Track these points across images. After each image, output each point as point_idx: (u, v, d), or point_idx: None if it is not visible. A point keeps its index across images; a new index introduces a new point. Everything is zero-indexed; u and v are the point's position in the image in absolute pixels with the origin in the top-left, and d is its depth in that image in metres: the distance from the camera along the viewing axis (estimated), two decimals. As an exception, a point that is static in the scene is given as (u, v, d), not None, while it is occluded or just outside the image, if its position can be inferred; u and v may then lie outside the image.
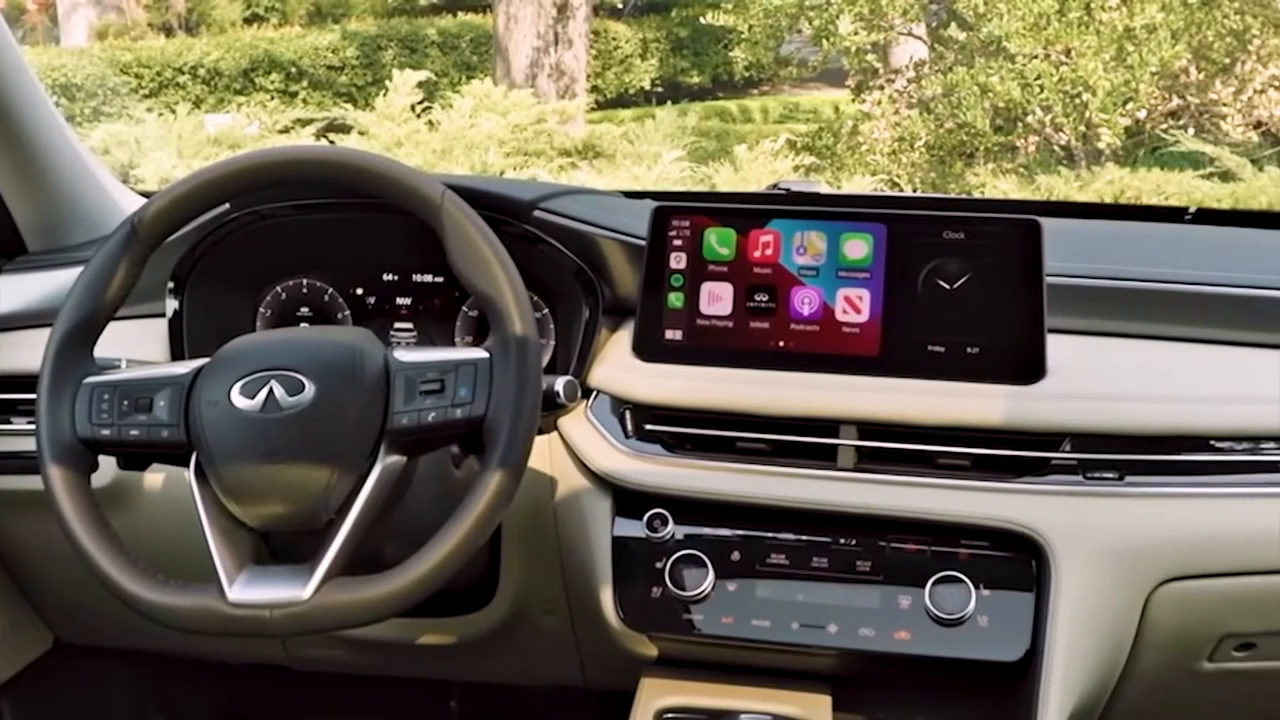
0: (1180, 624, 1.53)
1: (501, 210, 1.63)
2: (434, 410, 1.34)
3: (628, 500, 1.58)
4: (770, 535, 1.55)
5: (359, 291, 1.79)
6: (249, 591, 1.31)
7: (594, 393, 1.63)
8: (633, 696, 1.61)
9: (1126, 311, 1.63)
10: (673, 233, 1.60)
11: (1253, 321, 1.61)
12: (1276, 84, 8.43)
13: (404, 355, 1.38)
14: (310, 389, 1.33)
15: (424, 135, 7.11)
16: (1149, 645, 1.53)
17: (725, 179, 6.55)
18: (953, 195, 7.51)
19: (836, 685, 1.60)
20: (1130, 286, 1.63)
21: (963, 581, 1.48)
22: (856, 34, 8.97)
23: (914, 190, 8.23)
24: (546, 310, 1.72)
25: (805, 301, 1.57)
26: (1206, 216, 2.17)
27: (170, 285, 1.73)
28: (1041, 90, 7.88)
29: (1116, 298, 1.63)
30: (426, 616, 1.73)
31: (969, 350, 1.53)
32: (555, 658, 1.80)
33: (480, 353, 1.36)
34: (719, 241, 1.59)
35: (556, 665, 1.82)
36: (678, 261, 1.60)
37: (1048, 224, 1.54)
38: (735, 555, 1.54)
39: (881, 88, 9.21)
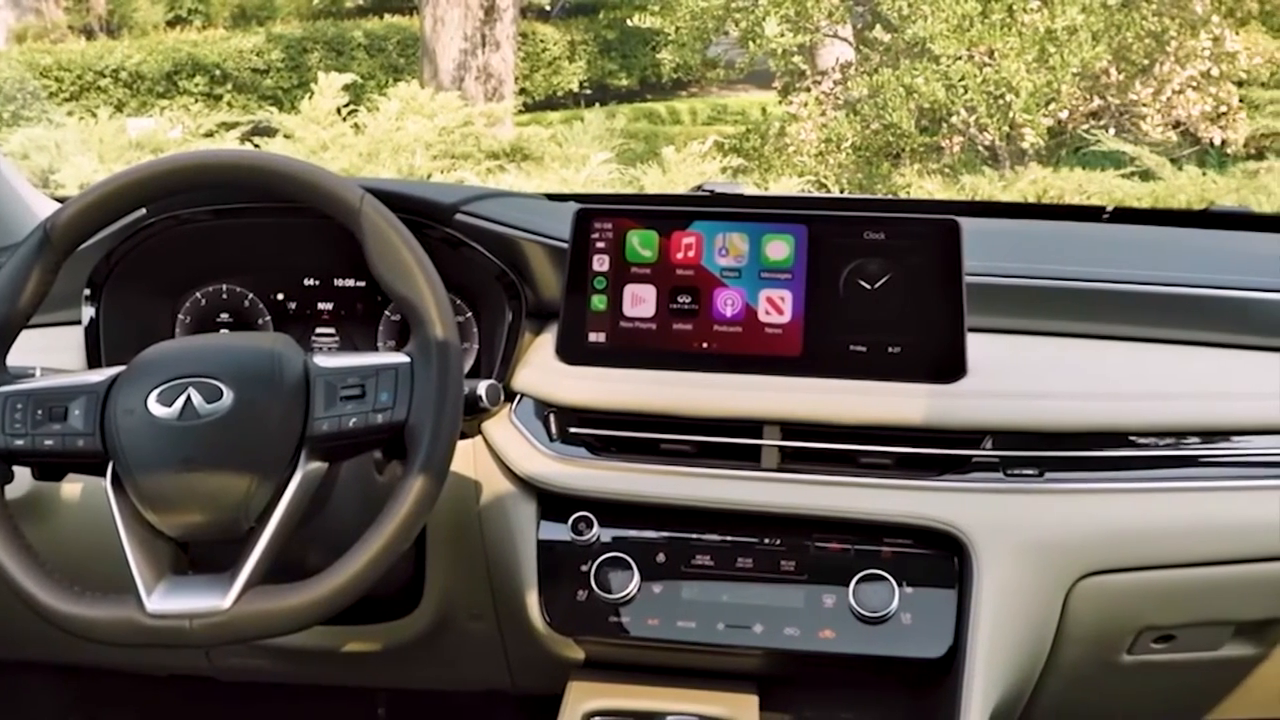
0: (1100, 618, 1.55)
1: (422, 214, 1.62)
2: (355, 416, 1.33)
3: (552, 504, 1.58)
4: (695, 536, 1.55)
5: (280, 297, 1.77)
6: (167, 602, 1.30)
7: (518, 396, 1.62)
8: (560, 700, 1.60)
9: (1045, 310, 1.65)
10: (595, 235, 1.60)
11: (1169, 319, 1.64)
12: (1194, 84, 8.58)
13: (324, 361, 1.37)
14: (229, 396, 1.31)
15: (350, 138, 7.06)
16: (1070, 639, 1.55)
17: (653, 181, 6.56)
18: (875, 196, 7.56)
19: (763, 685, 1.60)
20: (1049, 285, 1.65)
21: (886, 579, 1.49)
22: (783, 36, 9.02)
23: (841, 191, 8.28)
24: (469, 314, 1.71)
25: (728, 303, 1.57)
26: (1124, 215, 2.20)
27: (86, 292, 1.71)
28: (966, 91, 7.97)
29: (1035, 296, 1.65)
30: (351, 624, 1.71)
31: (890, 350, 1.54)
32: (482, 662, 1.79)
33: (401, 357, 1.36)
34: (641, 244, 1.59)
35: (484, 670, 1.81)
36: (600, 264, 1.60)
37: (968, 224, 1.56)
38: (660, 557, 1.54)
39: (808, 89, 9.26)
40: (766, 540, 1.54)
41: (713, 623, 1.51)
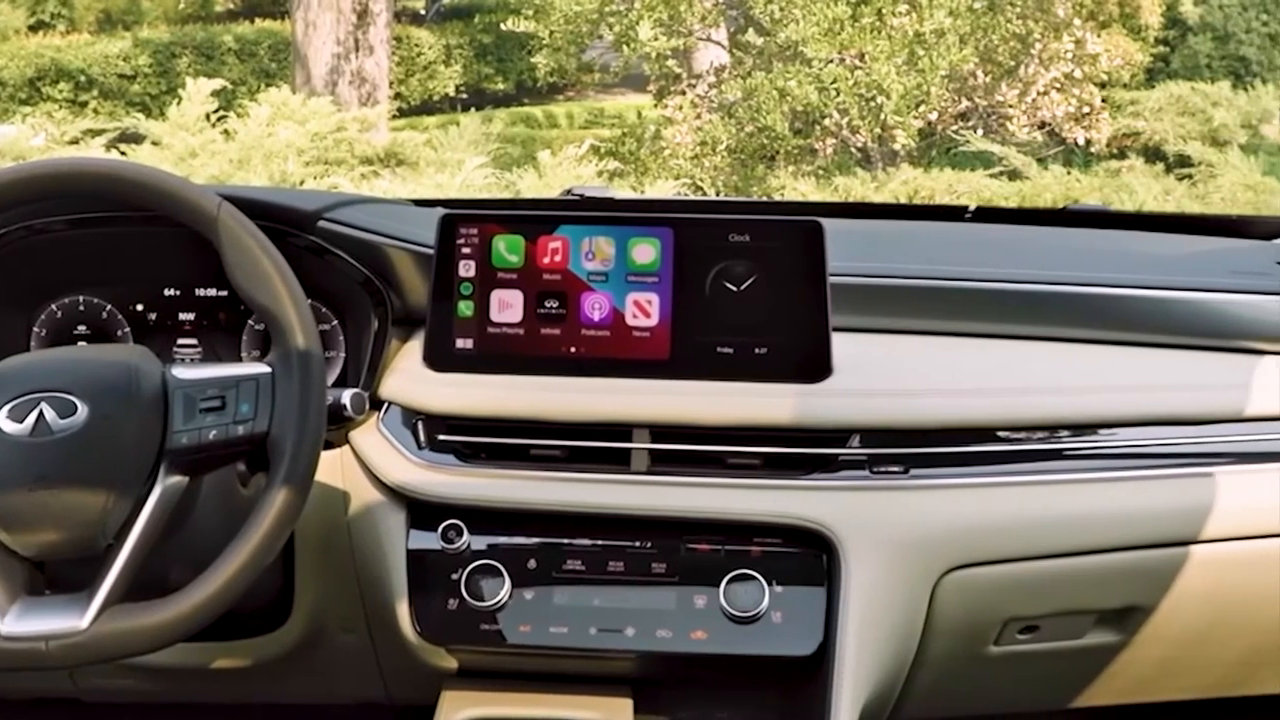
0: (966, 611, 1.58)
1: (284, 221, 1.60)
2: (215, 428, 1.31)
3: (422, 512, 1.56)
4: (566, 541, 1.54)
5: (139, 308, 1.73)
6: (23, 623, 1.26)
7: (385, 404, 1.60)
8: (435, 710, 1.59)
9: (910, 309, 1.67)
10: (461, 241, 1.59)
11: (1031, 315, 1.67)
12: (1058, 86, 8.80)
13: (183, 372, 1.34)
14: (83, 410, 1.28)
15: (220, 145, 6.91)
16: (938, 633, 1.57)
17: (529, 185, 6.53)
18: (742, 198, 7.62)
19: (637, 688, 1.61)
20: (912, 284, 1.67)
21: (756, 579, 1.50)
22: (656, 40, 9.06)
23: (717, 193, 8.34)
24: (335, 322, 1.69)
25: (595, 307, 1.57)
26: (986, 215, 2.25)
27: None
28: (838, 94, 8.08)
29: (899, 295, 1.67)
30: (218, 640, 1.68)
31: (757, 351, 1.55)
32: (356, 675, 1.77)
33: (262, 368, 1.34)
34: (508, 249, 1.59)
35: (358, 682, 1.79)
36: (467, 270, 1.59)
37: (834, 225, 1.57)
38: (531, 563, 1.54)
39: (683, 93, 9.31)
40: (637, 543, 1.54)
41: (585, 627, 1.51)
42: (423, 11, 15.95)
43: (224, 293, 1.71)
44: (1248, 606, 1.65)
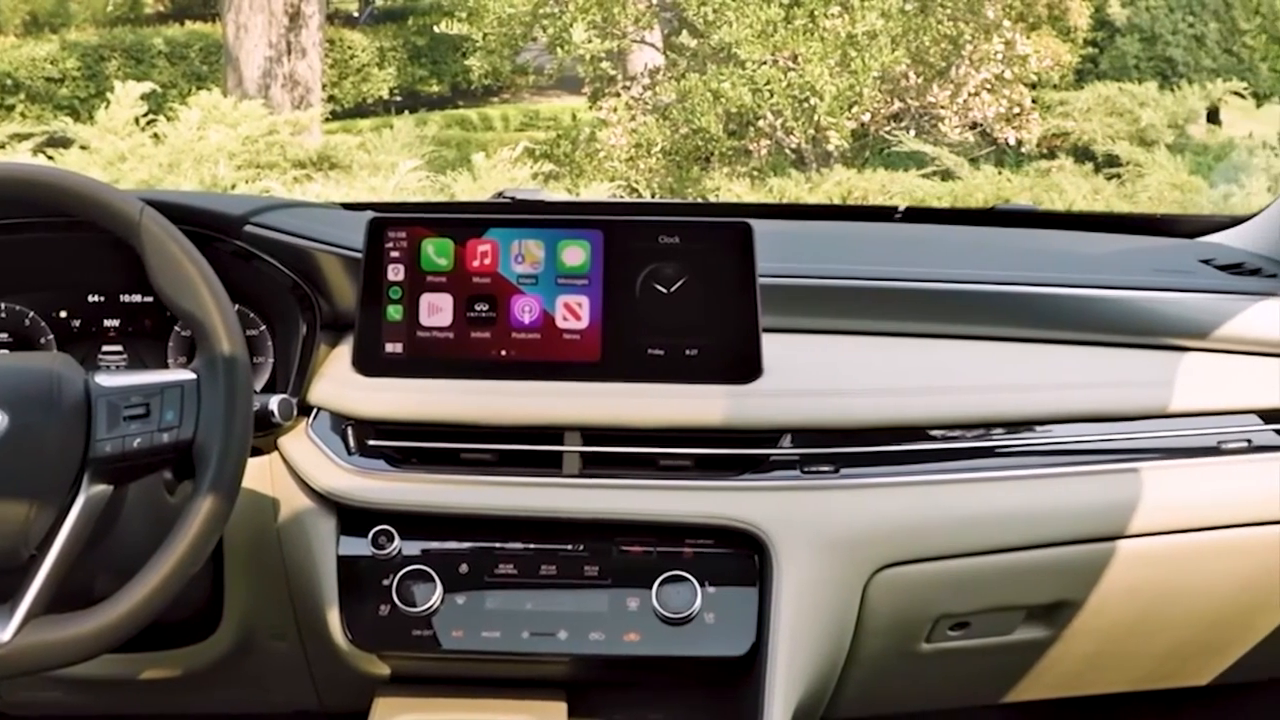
0: (898, 608, 1.59)
1: (210, 226, 1.59)
2: (139, 436, 1.29)
3: (352, 518, 1.55)
4: (498, 545, 1.54)
5: (63, 315, 1.70)
6: None
7: (314, 410, 1.59)
8: (368, 717, 1.58)
9: (840, 309, 1.68)
10: (389, 244, 1.58)
11: (959, 315, 1.68)
12: (989, 87, 8.89)
13: (107, 380, 1.32)
14: (2, 420, 1.26)
15: (150, 149, 6.83)
16: (869, 631, 1.58)
17: (464, 188, 6.51)
18: (675, 200, 7.63)
19: (571, 691, 1.60)
20: (841, 284, 1.68)
21: (688, 580, 1.50)
22: (590, 42, 9.06)
23: (652, 195, 8.35)
24: (263, 327, 1.67)
25: (526, 310, 1.57)
26: (915, 215, 2.27)
27: None
28: (771, 95, 8.12)
29: (830, 296, 1.68)
30: (146, 650, 1.66)
31: (688, 352, 1.55)
32: (288, 683, 1.75)
33: (187, 374, 1.32)
34: (437, 252, 1.58)
35: (290, 691, 1.77)
36: (395, 273, 1.58)
37: (765, 226, 1.58)
38: (463, 568, 1.53)
39: (618, 95, 9.32)
40: (569, 546, 1.54)
41: (517, 631, 1.50)
42: (356, 14, 15.84)
43: (149, 299, 1.70)
44: (1174, 600, 1.68)
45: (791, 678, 1.49)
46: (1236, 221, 2.03)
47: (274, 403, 1.45)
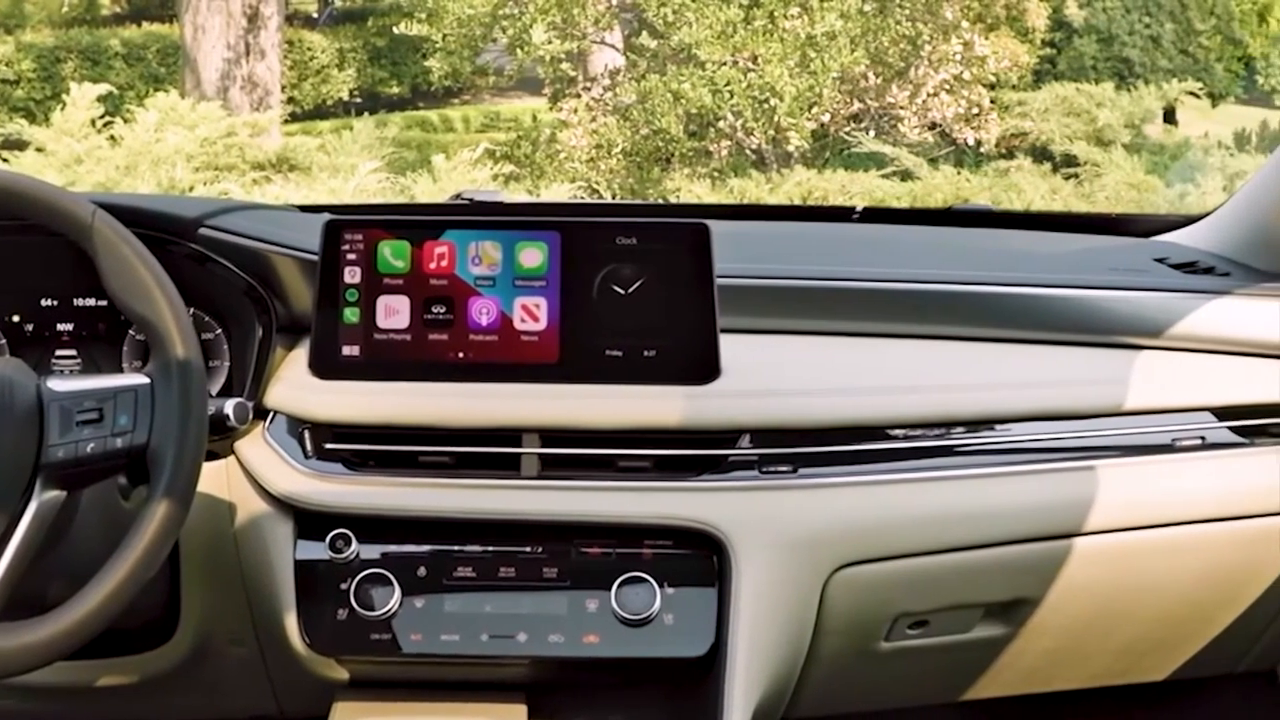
0: (857, 607, 1.59)
1: (163, 229, 1.58)
2: (93, 441, 1.28)
3: (310, 522, 1.54)
4: (457, 548, 1.53)
5: (15, 319, 1.69)
6: None
7: (271, 414, 1.58)
8: None
9: (798, 309, 1.68)
10: (345, 246, 1.57)
11: (916, 314, 1.69)
12: (947, 87, 8.94)
13: (59, 385, 1.31)
14: None
15: (106, 151, 6.79)
16: (829, 630, 1.59)
17: (424, 189, 6.49)
18: (634, 201, 7.63)
19: (531, 694, 1.60)
20: (798, 285, 1.68)
21: (647, 581, 1.50)
22: (550, 43, 9.06)
23: (613, 196, 8.35)
24: (219, 330, 1.66)
25: (483, 311, 1.56)
26: (873, 215, 2.27)
27: None
28: (732, 96, 8.14)
29: (788, 296, 1.68)
30: (102, 657, 1.65)
31: (646, 353, 1.55)
32: (246, 689, 1.74)
33: (141, 378, 1.31)
34: (393, 254, 1.57)
35: (248, 696, 1.76)
36: (352, 276, 1.57)
37: (723, 227, 1.58)
38: (421, 571, 1.52)
39: (578, 95, 9.32)
40: (528, 548, 1.53)
41: (476, 634, 1.50)
42: (315, 15, 15.79)
43: (103, 303, 1.68)
44: (1130, 597, 1.69)
45: (751, 678, 1.49)
46: (1191, 221, 2.04)
47: (229, 406, 1.44)
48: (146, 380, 1.31)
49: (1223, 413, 1.67)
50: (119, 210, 1.39)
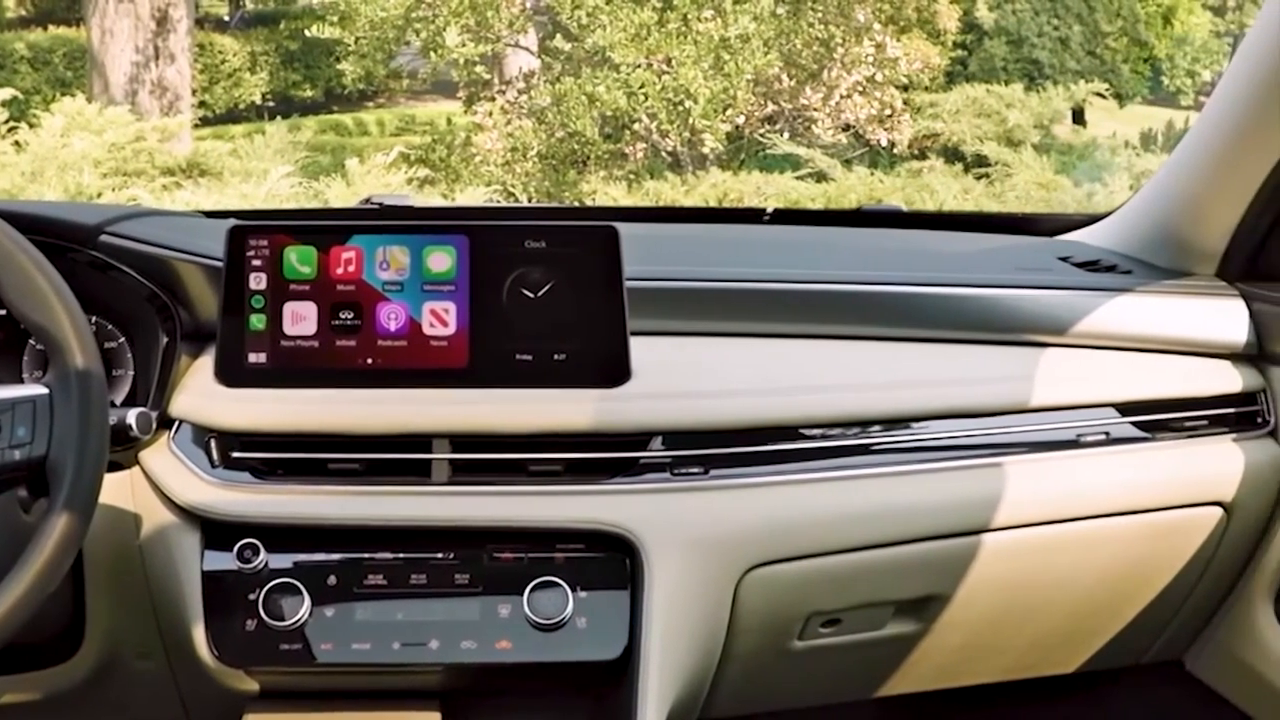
0: (770, 607, 1.60)
1: (63, 236, 1.55)
2: None
3: (217, 532, 1.52)
4: (367, 556, 1.52)
5: None
6: None
7: (176, 423, 1.56)
8: None
9: (709, 311, 1.69)
10: (251, 253, 1.55)
11: (825, 315, 1.70)
12: (860, 89, 9.02)
13: None
14: None
15: (11, 157, 6.66)
16: (742, 630, 1.59)
17: (338, 194, 6.42)
18: (546, 205, 7.63)
19: (445, 701, 1.59)
20: (708, 287, 1.68)
21: (560, 586, 1.50)
22: (464, 46, 9.03)
23: (529, 199, 8.34)
24: (122, 339, 1.63)
25: (391, 317, 1.55)
26: (784, 216, 2.28)
27: None
28: (646, 99, 8.16)
29: (697, 298, 1.68)
30: (4, 674, 1.61)
31: (556, 357, 1.55)
32: (155, 703, 1.71)
33: (39, 389, 1.29)
34: (300, 260, 1.55)
35: (157, 711, 1.73)
36: (257, 282, 1.55)
37: (632, 230, 1.58)
38: (332, 580, 1.51)
39: (493, 99, 9.29)
40: (440, 555, 1.52)
41: (388, 642, 1.49)
42: (226, 18, 15.60)
43: (2, 312, 1.65)
44: (1039, 591, 1.71)
45: (665, 679, 1.49)
46: (1095, 219, 2.07)
47: (132, 416, 1.42)
48: (45, 390, 1.28)
49: (1126, 408, 1.69)
50: (17, 217, 1.36)
